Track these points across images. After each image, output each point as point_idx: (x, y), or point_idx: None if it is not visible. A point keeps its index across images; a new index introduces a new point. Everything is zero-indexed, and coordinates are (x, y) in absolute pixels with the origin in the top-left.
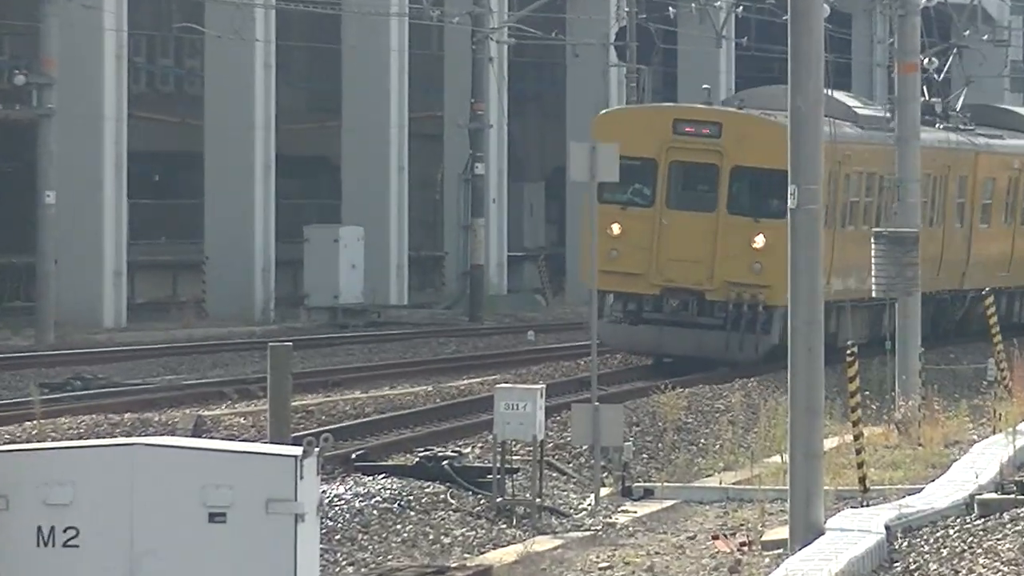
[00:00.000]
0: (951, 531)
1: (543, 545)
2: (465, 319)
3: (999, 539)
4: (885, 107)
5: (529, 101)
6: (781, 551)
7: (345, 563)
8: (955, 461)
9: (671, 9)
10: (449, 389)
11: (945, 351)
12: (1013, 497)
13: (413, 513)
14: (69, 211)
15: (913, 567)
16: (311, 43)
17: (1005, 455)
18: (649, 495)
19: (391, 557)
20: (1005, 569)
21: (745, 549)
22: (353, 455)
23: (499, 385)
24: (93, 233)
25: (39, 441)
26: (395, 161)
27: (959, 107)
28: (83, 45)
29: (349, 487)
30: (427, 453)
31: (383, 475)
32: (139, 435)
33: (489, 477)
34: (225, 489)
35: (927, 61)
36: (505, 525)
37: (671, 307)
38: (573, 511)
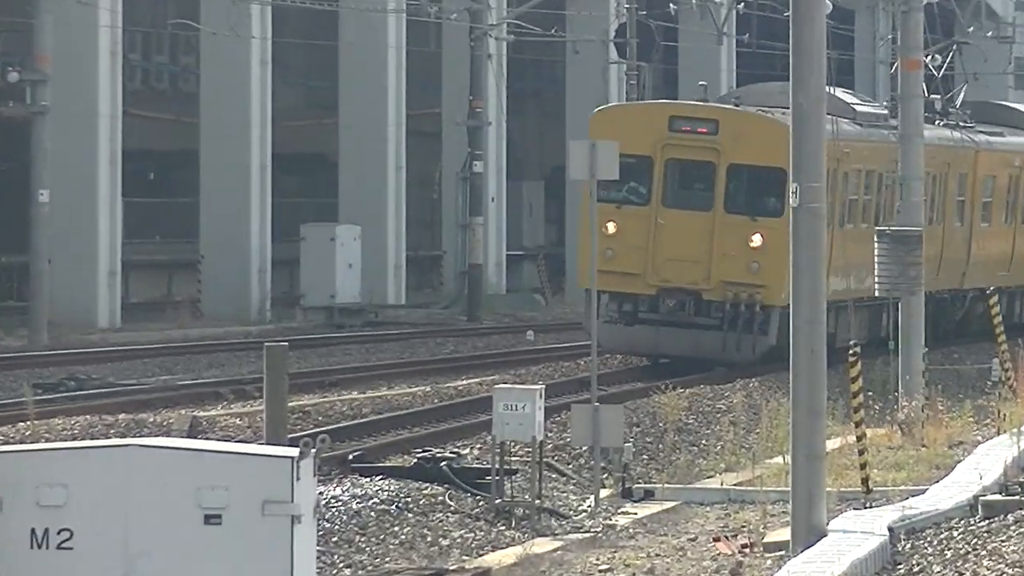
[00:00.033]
0: (955, 533)
1: (542, 547)
2: (463, 319)
3: (1003, 541)
4: (883, 104)
5: (528, 98)
6: (783, 553)
7: (342, 565)
8: (959, 462)
9: (672, 5)
10: (447, 390)
11: (949, 351)
12: (1018, 499)
13: (411, 515)
14: (63, 210)
15: (916, 569)
16: (308, 40)
17: (1010, 456)
18: (650, 496)
19: (389, 559)
20: (1009, 571)
21: (747, 551)
22: (350, 456)
23: (498, 385)
24: (87, 232)
25: (33, 442)
26: (393, 159)
27: (959, 104)
28: (78, 42)
29: (346, 488)
30: (425, 454)
31: (380, 476)
32: (134, 436)
33: (488, 478)
34: (221, 491)
35: (930, 58)
36: (504, 527)
37: (667, 307)
38: (573, 513)
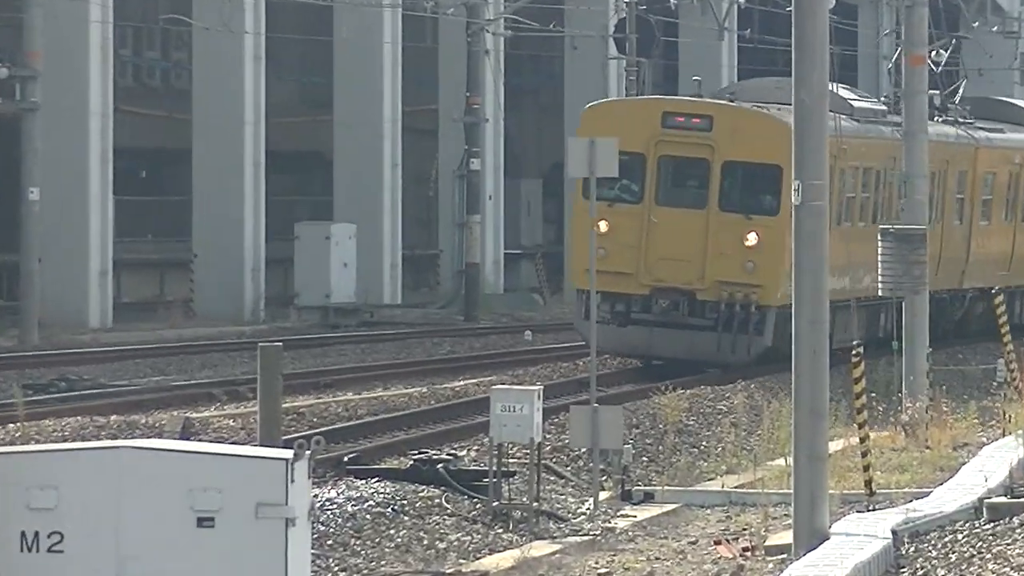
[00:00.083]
0: (959, 536)
1: (540, 550)
2: (460, 319)
3: (1009, 544)
4: (881, 99)
5: (526, 95)
6: (785, 556)
7: (337, 569)
8: (964, 464)
9: (672, 0)
10: (444, 390)
11: (953, 351)
12: (1023, 501)
13: (407, 518)
14: (53, 208)
15: (920, 573)
16: (302, 35)
17: (1015, 458)
18: (649, 499)
19: (384, 563)
20: (1015, 575)
21: (748, 554)
22: (345, 458)
23: (495, 386)
24: (78, 231)
25: (22, 444)
26: (388, 157)
27: (958, 100)
28: (68, 37)
29: (341, 491)
30: (421, 456)
31: (376, 479)
32: (125, 438)
33: (485, 481)
34: (214, 493)
35: (934, 54)
36: (501, 530)
37: (661, 308)
38: (571, 515)
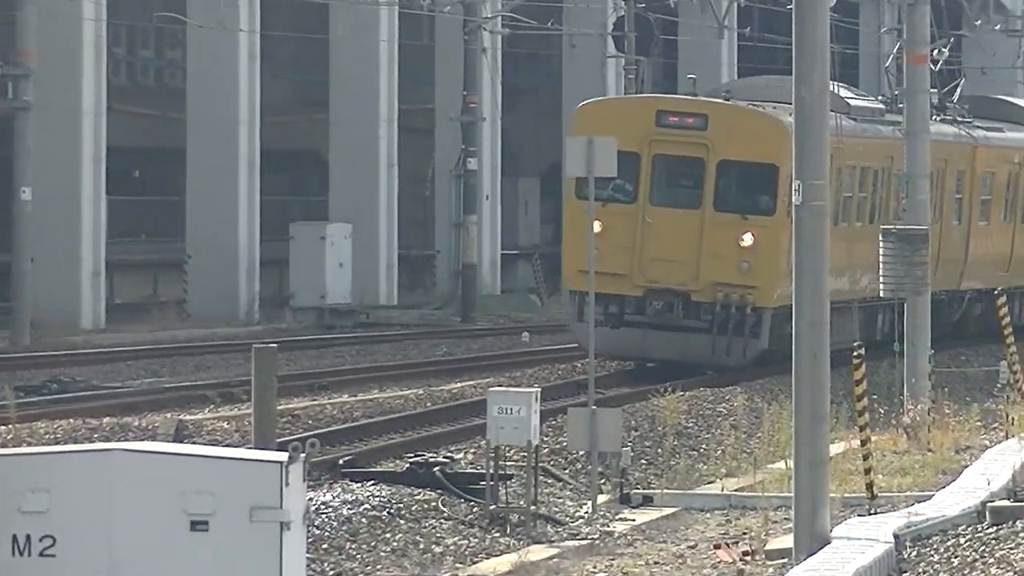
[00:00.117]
0: (962, 540)
1: (538, 555)
2: (457, 320)
3: (1012, 548)
4: (877, 98)
5: (524, 94)
6: (785, 561)
7: (332, 573)
8: (966, 467)
9: None
10: (441, 392)
11: (956, 353)
12: None
13: (403, 521)
14: (46, 208)
15: None
16: (297, 33)
17: (1018, 461)
18: (648, 502)
19: (380, 567)
20: None
21: (748, 559)
22: (341, 461)
23: (492, 388)
24: (71, 231)
25: (14, 446)
26: (384, 156)
27: (956, 98)
28: (61, 36)
29: (337, 494)
30: (418, 459)
31: (372, 482)
32: (118, 440)
33: (482, 484)
34: (207, 496)
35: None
36: (499, 534)
37: (655, 309)
38: (569, 519)
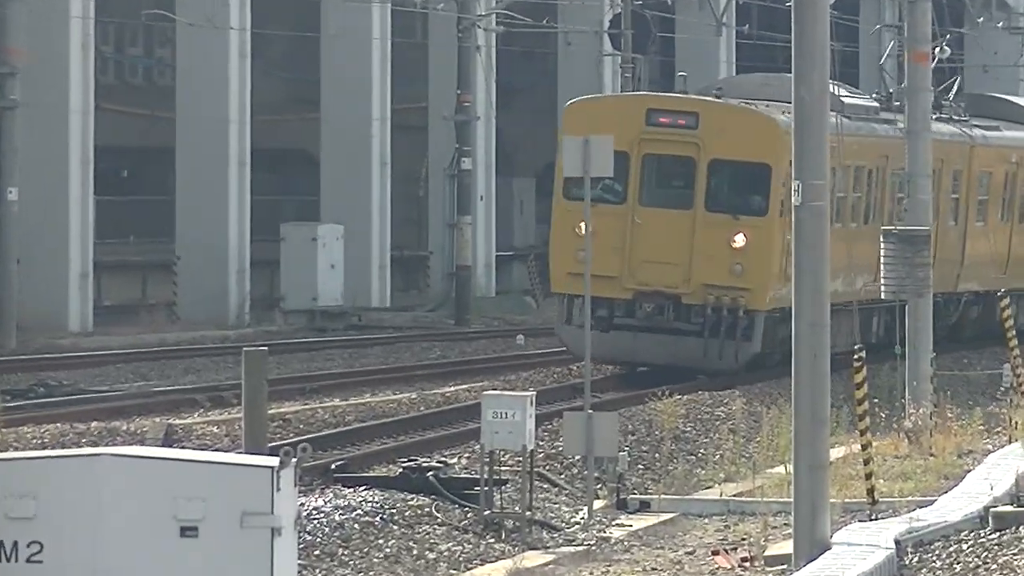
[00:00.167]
0: (964, 546)
1: (533, 561)
2: (451, 322)
3: (1015, 554)
4: (872, 96)
5: (519, 92)
6: (785, 567)
7: None
8: (969, 472)
9: None
10: (434, 396)
11: (958, 356)
12: None
13: (396, 527)
14: (32, 208)
15: None
16: (289, 31)
17: (1021, 465)
18: (645, 508)
19: (373, 574)
20: None
21: (747, 565)
22: (333, 466)
23: (487, 392)
24: (58, 232)
25: (0, 451)
26: (377, 155)
27: (952, 96)
28: (49, 34)
29: (329, 500)
30: (411, 464)
31: (364, 487)
32: (106, 445)
33: (476, 489)
34: (197, 502)
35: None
36: (493, 540)
37: (645, 312)
38: (565, 525)
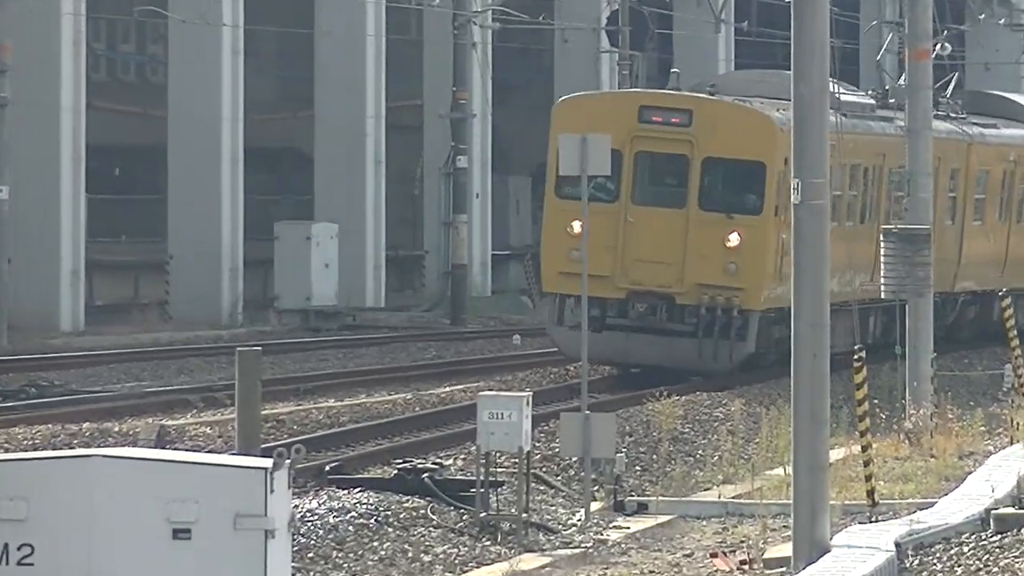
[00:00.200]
0: (965, 548)
1: (530, 563)
2: (446, 322)
3: (1016, 557)
4: (867, 93)
5: (515, 89)
6: (784, 570)
7: None
8: (970, 473)
9: None
10: (429, 397)
11: (959, 356)
12: None
13: (391, 529)
14: (24, 207)
15: None
16: (282, 28)
17: (1023, 467)
18: (643, 510)
19: None
20: None
21: (746, 568)
22: (327, 467)
23: (482, 393)
24: (49, 230)
25: None
26: (371, 154)
27: (949, 93)
28: (39, 30)
29: (323, 501)
30: (406, 465)
31: (359, 489)
32: (98, 446)
33: (472, 491)
34: (190, 503)
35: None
36: (489, 542)
37: (638, 312)
38: (562, 527)
